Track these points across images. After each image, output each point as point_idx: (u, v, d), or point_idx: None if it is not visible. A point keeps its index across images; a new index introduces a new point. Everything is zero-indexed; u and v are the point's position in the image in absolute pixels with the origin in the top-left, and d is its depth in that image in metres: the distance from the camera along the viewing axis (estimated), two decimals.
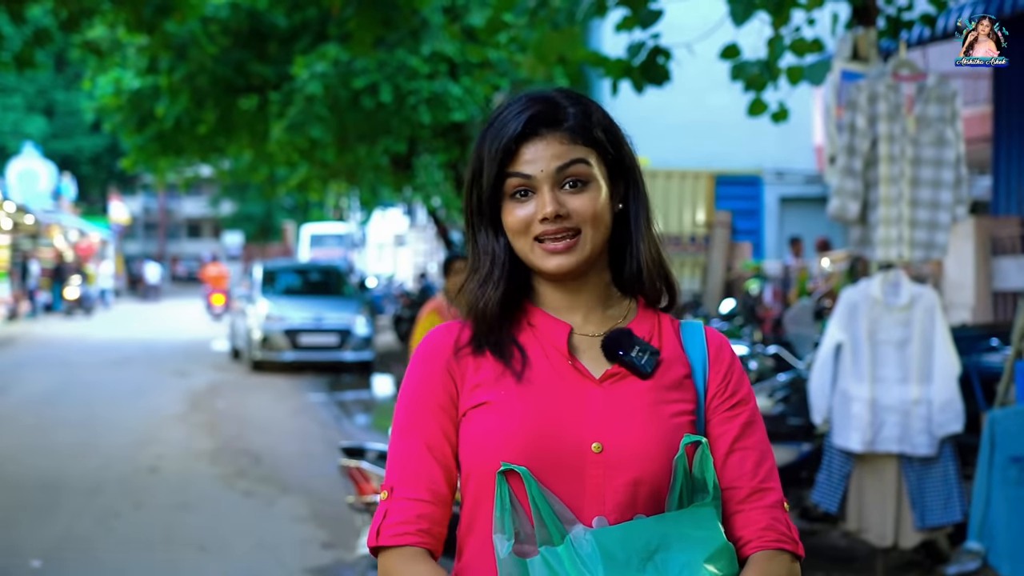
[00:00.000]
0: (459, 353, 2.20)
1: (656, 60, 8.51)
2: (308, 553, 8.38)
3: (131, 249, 70.74)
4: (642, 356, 2.16)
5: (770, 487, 2.17)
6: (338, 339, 21.12)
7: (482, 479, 2.12)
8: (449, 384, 2.18)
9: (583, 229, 2.14)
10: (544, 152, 2.15)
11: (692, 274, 18.37)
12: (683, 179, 19.02)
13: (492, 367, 2.17)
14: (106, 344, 26.87)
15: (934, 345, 6.99)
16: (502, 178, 2.16)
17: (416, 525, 2.12)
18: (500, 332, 2.19)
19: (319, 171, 23.50)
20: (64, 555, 8.30)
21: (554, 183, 2.14)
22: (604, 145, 2.19)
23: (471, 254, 2.25)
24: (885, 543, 7.15)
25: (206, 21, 19.99)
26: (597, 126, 2.19)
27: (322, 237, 47.55)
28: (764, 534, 2.13)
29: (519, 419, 2.11)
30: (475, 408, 2.15)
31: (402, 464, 2.17)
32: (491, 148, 2.16)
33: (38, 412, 15.55)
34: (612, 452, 2.09)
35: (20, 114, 54.26)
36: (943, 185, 7.06)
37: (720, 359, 2.24)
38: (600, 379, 2.15)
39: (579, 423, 2.11)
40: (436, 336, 2.24)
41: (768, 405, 8.01)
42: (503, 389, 2.14)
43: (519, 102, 2.20)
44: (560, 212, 2.13)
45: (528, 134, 2.15)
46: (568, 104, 2.19)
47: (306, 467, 11.58)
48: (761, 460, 2.19)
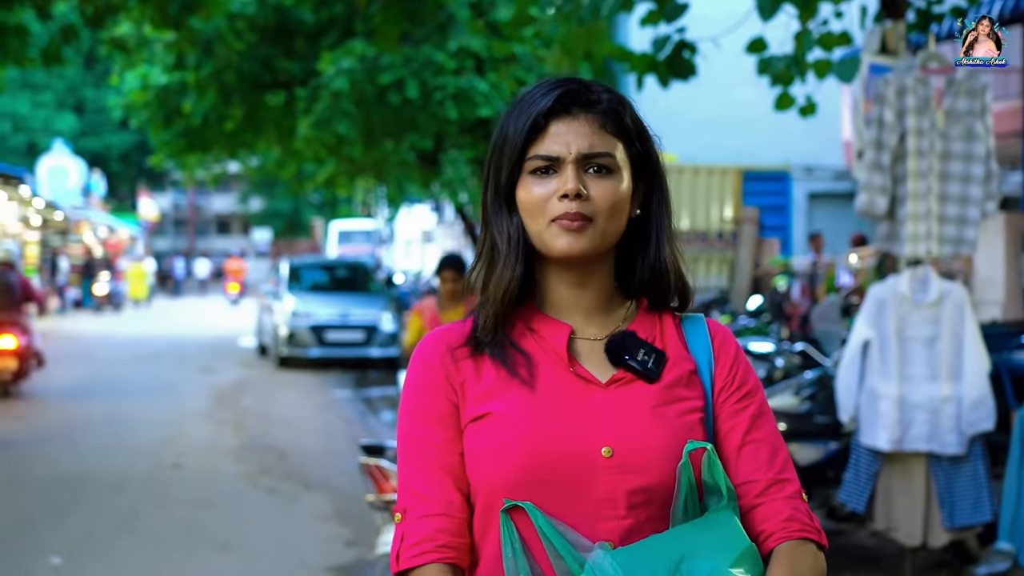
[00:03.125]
0: (457, 357, 2.11)
1: (682, 54, 8.41)
2: (331, 551, 8.33)
3: (161, 245, 70.98)
4: (648, 360, 2.08)
5: (787, 478, 2.10)
6: (364, 335, 21.09)
7: (490, 494, 2.05)
8: (450, 392, 2.10)
9: (597, 219, 2.04)
10: (574, 131, 2.06)
11: (719, 270, 18.26)
12: (711, 175, 18.90)
13: (493, 372, 2.09)
14: (134, 340, 26.95)
15: (964, 342, 6.89)
16: (524, 154, 2.07)
17: (435, 541, 2.04)
18: (505, 328, 2.10)
19: (346, 167, 23.47)
20: (85, 553, 8.26)
21: (579, 166, 2.05)
22: (632, 137, 2.11)
23: (483, 237, 2.15)
24: (914, 543, 7.04)
25: (233, 17, 20.01)
26: (628, 117, 2.11)
27: (350, 233, 47.56)
28: (787, 525, 2.05)
29: (524, 431, 2.03)
30: (478, 420, 2.07)
31: (411, 483, 2.09)
32: (517, 123, 2.07)
33: (64, 408, 15.58)
34: (623, 456, 2.02)
35: (50, 111, 54.50)
36: (972, 180, 6.95)
37: (725, 351, 2.16)
38: (606, 384, 2.08)
39: (586, 429, 2.04)
40: (432, 342, 2.15)
41: (795, 403, 7.91)
42: (505, 398, 2.06)
43: (548, 82, 2.11)
44: (581, 192, 2.03)
45: (558, 111, 2.06)
46: (602, 90, 2.11)
47: (330, 464, 11.54)
48: (775, 451, 2.11)
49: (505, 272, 2.09)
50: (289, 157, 23.99)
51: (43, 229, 35.39)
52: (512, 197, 2.10)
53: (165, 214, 72.20)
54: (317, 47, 20.26)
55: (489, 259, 2.13)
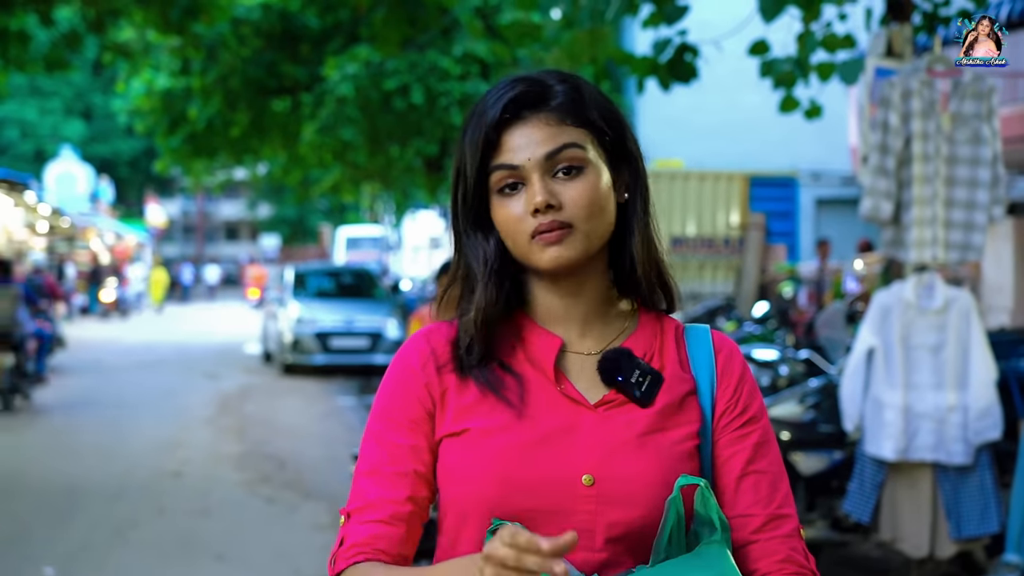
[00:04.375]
0: (441, 363, 1.97)
1: (683, 57, 8.31)
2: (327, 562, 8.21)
3: (169, 252, 71.01)
4: (642, 382, 1.93)
5: (786, 513, 1.95)
6: (369, 342, 20.98)
7: (460, 516, 1.92)
8: (426, 400, 1.96)
9: (577, 224, 1.88)
10: (530, 137, 1.88)
11: (725, 277, 18.14)
12: (717, 181, 18.78)
13: (476, 387, 1.94)
14: (139, 346, 26.89)
15: (970, 350, 6.76)
16: (486, 172, 1.91)
17: (372, 545, 1.90)
18: (486, 352, 1.95)
19: (351, 173, 23.44)
20: (79, 564, 8.15)
21: (544, 171, 1.88)
22: (600, 126, 1.93)
23: (455, 259, 2.01)
24: (920, 554, 6.91)
25: (238, 23, 20.00)
26: (591, 105, 1.93)
27: (358, 240, 47.55)
28: (783, 567, 1.91)
29: (501, 453, 1.89)
30: (455, 436, 1.93)
31: (363, 486, 1.96)
32: (472, 139, 1.91)
33: (66, 415, 15.51)
34: (605, 485, 1.87)
35: (58, 117, 54.60)
36: (979, 184, 6.83)
37: (729, 371, 2.00)
38: (595, 405, 1.93)
39: (569, 454, 1.88)
40: (415, 345, 2.01)
41: (799, 411, 7.79)
42: (486, 416, 1.92)
43: (501, 85, 1.94)
44: (552, 202, 1.87)
45: (510, 120, 1.90)
46: (555, 82, 1.93)
47: (330, 472, 11.43)
48: (776, 484, 1.96)
49: (481, 298, 1.95)
50: (294, 163, 23.97)
51: (50, 235, 35.35)
52: (481, 219, 1.96)
53: (173, 220, 72.24)
54: (322, 53, 20.24)
55: (463, 284, 1.99)
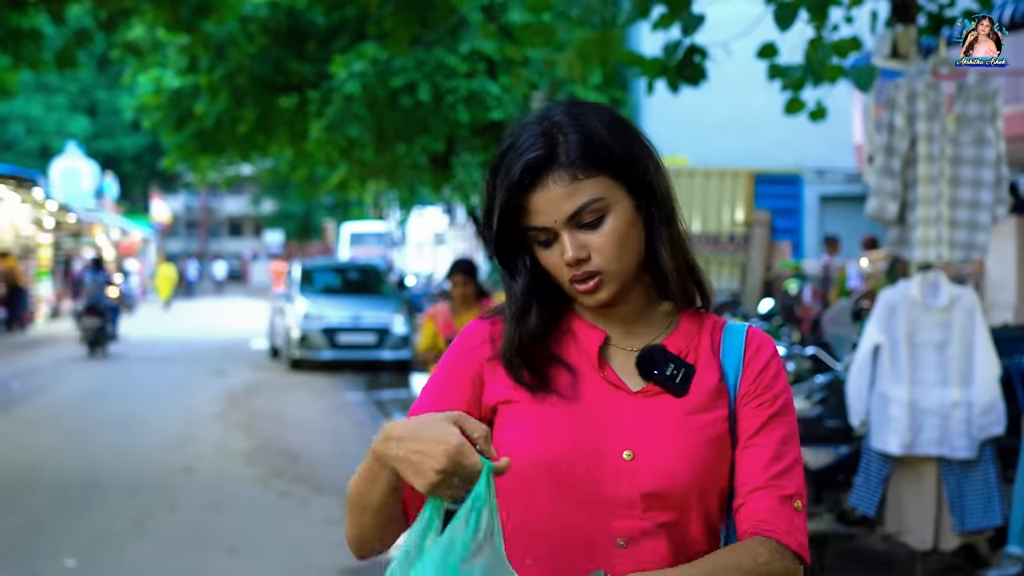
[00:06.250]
0: (495, 355, 2.15)
1: (692, 59, 8.41)
2: (341, 555, 8.32)
3: (173, 247, 71.11)
4: (676, 375, 2.10)
5: (782, 484, 2.06)
6: (376, 338, 21.10)
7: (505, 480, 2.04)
8: (478, 371, 2.14)
9: (607, 268, 2.06)
10: (551, 201, 2.05)
11: (731, 273, 18.24)
12: (722, 178, 18.88)
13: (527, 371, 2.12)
14: (145, 342, 27.01)
15: (974, 347, 6.88)
16: (519, 228, 2.10)
17: None
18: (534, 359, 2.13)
19: (358, 170, 23.51)
20: (98, 556, 8.29)
21: (571, 228, 2.06)
22: (613, 160, 2.07)
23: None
24: (925, 547, 7.04)
25: (245, 20, 20.08)
26: (601, 147, 2.06)
27: (362, 235, 47.62)
28: (758, 525, 2.03)
29: (549, 423, 2.07)
30: (504, 404, 2.11)
31: None
32: (501, 200, 2.08)
33: (77, 411, 15.62)
34: (644, 460, 2.04)
35: (63, 113, 54.65)
36: (983, 185, 6.95)
37: (756, 360, 2.14)
38: (635, 392, 2.10)
39: (611, 431, 2.06)
40: (478, 327, 2.20)
41: (805, 407, 7.90)
42: (532, 392, 2.10)
43: (521, 142, 2.08)
44: (580, 256, 2.05)
45: (529, 185, 2.06)
46: (565, 133, 2.07)
47: (341, 467, 11.55)
48: (777, 457, 2.08)
49: (509, 331, 2.14)
50: (301, 160, 24.05)
51: (56, 231, 35.50)
52: (510, 263, 2.16)
53: (177, 216, 72.35)
54: (329, 50, 20.32)
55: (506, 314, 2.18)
